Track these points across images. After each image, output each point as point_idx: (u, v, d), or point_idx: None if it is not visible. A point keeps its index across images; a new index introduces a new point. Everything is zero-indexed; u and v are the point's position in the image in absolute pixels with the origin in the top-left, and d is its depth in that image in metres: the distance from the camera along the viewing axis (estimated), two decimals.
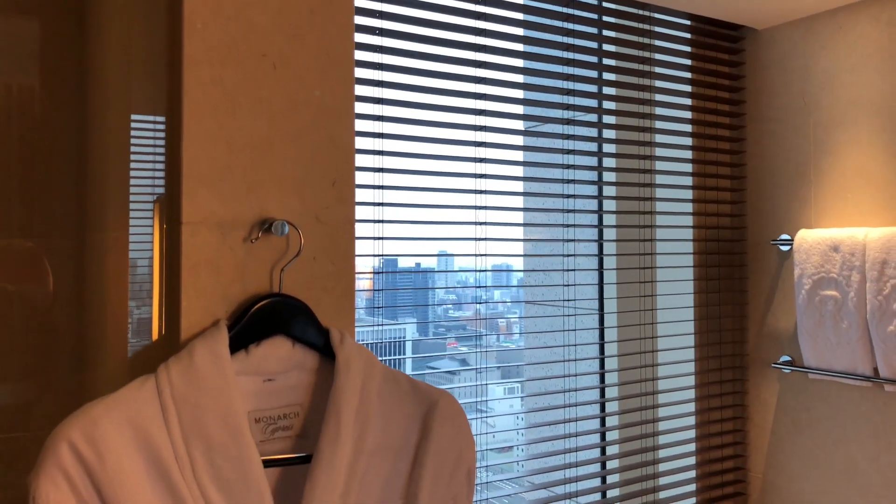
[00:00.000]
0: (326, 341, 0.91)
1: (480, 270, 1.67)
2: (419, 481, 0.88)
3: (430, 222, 1.58)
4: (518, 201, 1.88)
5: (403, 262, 1.75)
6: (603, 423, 1.98)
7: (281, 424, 0.89)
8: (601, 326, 1.96)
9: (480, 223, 1.66)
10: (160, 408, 0.79)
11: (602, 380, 1.95)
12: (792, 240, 1.95)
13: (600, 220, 1.97)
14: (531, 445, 1.85)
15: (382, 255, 1.51)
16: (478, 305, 1.72)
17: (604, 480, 1.92)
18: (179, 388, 0.80)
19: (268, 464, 0.85)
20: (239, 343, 0.86)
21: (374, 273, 1.54)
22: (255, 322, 0.87)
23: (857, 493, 1.81)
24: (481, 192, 1.66)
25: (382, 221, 1.50)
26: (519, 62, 1.82)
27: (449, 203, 1.62)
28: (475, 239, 1.65)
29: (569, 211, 1.82)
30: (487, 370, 1.71)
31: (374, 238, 1.49)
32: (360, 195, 1.47)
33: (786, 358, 1.97)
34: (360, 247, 1.46)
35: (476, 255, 1.66)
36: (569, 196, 1.82)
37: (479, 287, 1.69)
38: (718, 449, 2.04)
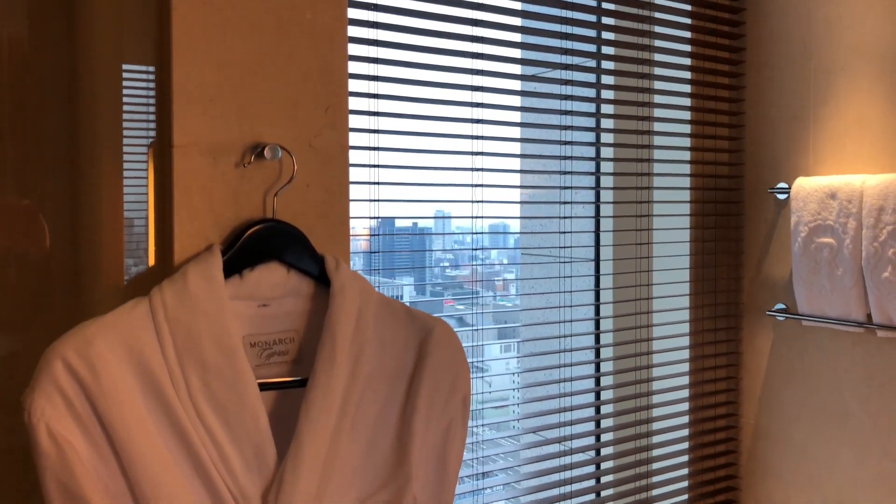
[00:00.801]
0: (321, 269, 0.90)
1: (477, 233, 1.67)
2: (415, 406, 0.89)
3: (426, 184, 1.56)
4: (515, 148, 1.86)
5: (400, 224, 1.74)
6: (598, 368, 2.00)
7: (276, 350, 0.89)
8: (597, 274, 1.97)
9: (477, 184, 1.64)
10: (154, 329, 0.79)
11: (597, 326, 1.96)
12: (789, 188, 1.94)
13: (598, 167, 1.96)
14: (527, 391, 1.87)
15: (378, 217, 1.50)
16: (474, 265, 1.72)
17: (598, 425, 1.94)
18: (173, 310, 0.80)
19: (263, 387, 0.85)
20: (233, 268, 0.86)
21: (370, 234, 1.54)
22: (249, 247, 0.86)
23: (848, 437, 1.83)
24: (478, 149, 1.64)
25: (378, 183, 1.48)
26: (517, 5, 1.79)
27: (444, 163, 1.61)
28: (471, 201, 1.64)
29: (566, 158, 1.81)
30: (484, 330, 1.72)
31: (370, 200, 1.48)
32: (355, 157, 1.44)
33: (780, 306, 1.98)
34: (356, 209, 1.44)
35: (472, 217, 1.65)
36: (566, 143, 1.81)
37: (476, 249, 1.69)
38: (712, 396, 2.06)
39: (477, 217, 1.66)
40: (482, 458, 1.67)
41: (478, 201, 1.65)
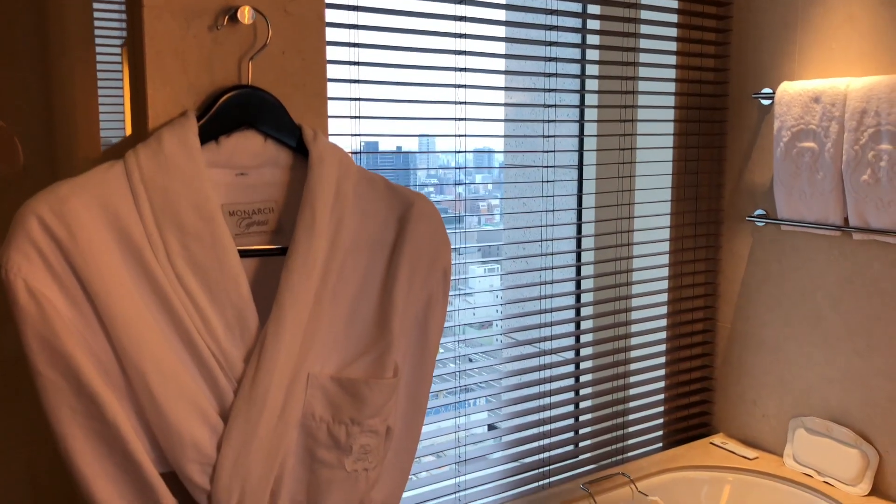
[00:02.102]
0: (299, 139, 0.89)
1: (460, 152, 1.64)
2: (396, 277, 0.89)
3: (408, 101, 1.52)
4: (499, 64, 1.82)
5: (384, 149, 1.71)
6: (578, 272, 2.02)
7: (256, 219, 0.88)
8: (580, 180, 1.96)
9: (460, 101, 1.61)
10: (129, 190, 0.78)
11: (579, 230, 1.97)
12: (773, 93, 1.93)
13: (583, 69, 1.93)
14: (510, 295, 1.89)
15: (360, 135, 1.47)
16: (458, 188, 1.71)
17: (577, 326, 1.97)
18: (149, 172, 0.78)
19: (243, 254, 0.85)
20: (209, 134, 0.84)
21: (353, 154, 1.51)
22: (225, 112, 0.84)
23: (820, 338, 1.88)
24: (461, 66, 1.60)
25: (359, 99, 1.44)
26: None
27: (427, 80, 1.56)
28: (454, 118, 1.61)
29: (550, 59, 1.77)
30: (468, 253, 1.73)
31: (351, 117, 1.44)
32: (334, 71, 1.39)
33: (760, 211, 2.00)
34: (337, 126, 1.41)
35: (456, 136, 1.62)
36: (550, 59, 1.77)
37: (459, 168, 1.67)
38: (690, 300, 2.09)
39: (460, 136, 1.64)
40: (465, 372, 1.70)
41: (461, 119, 1.62)
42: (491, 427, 1.96)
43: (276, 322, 0.80)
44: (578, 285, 1.97)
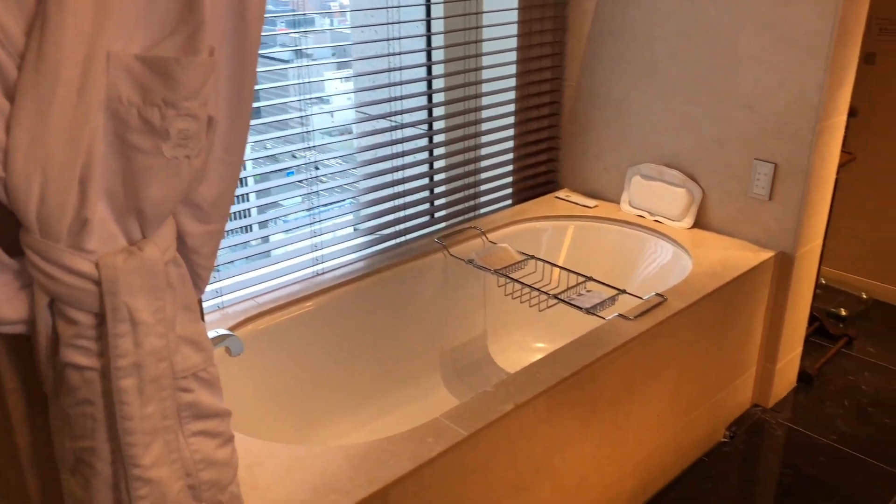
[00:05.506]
0: None
1: None
2: None
3: None
4: None
5: None
6: (429, 42, 1.95)
7: None
8: None
9: None
10: None
11: (428, 13, 1.87)
12: None
13: None
14: (360, 80, 1.80)
15: None
16: None
17: (430, 99, 1.93)
18: None
19: None
20: None
21: None
22: None
23: (658, 88, 1.96)
24: None
25: None
26: None
27: None
28: None
29: None
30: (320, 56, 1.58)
31: None
32: None
33: None
34: None
35: None
36: None
37: None
38: (538, 59, 2.09)
39: None
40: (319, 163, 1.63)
41: None
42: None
43: None
44: (429, 56, 1.91)
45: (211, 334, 1.32)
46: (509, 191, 2.15)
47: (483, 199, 2.08)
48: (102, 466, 0.74)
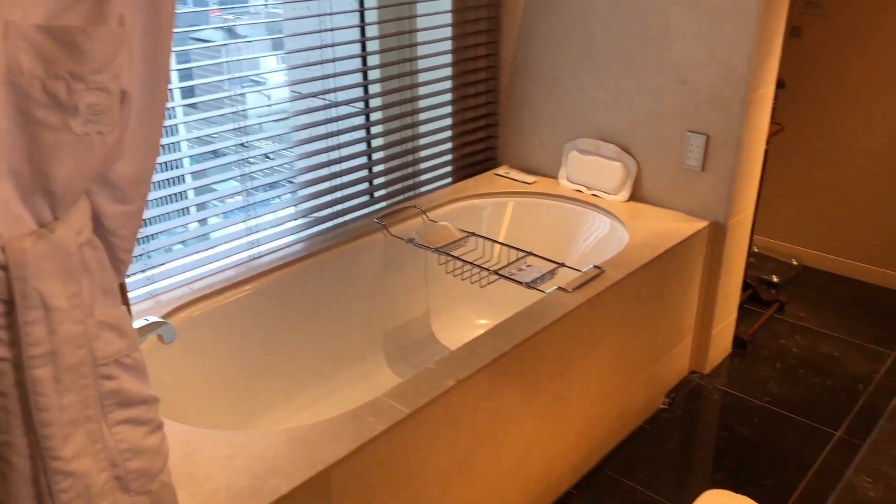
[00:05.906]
0: None
1: None
2: None
3: None
4: None
5: None
6: (362, 17, 1.91)
7: None
8: None
9: None
10: None
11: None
12: None
13: None
14: (293, 57, 1.75)
15: None
16: None
17: (365, 77, 1.90)
18: None
19: None
20: None
21: None
22: None
23: (593, 63, 1.97)
24: None
25: None
26: None
27: None
28: None
29: None
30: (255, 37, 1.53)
31: None
32: None
33: None
34: None
35: None
36: None
37: None
38: (473, 35, 2.08)
39: None
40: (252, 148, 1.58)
41: None
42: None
43: None
44: (363, 33, 1.87)
45: (142, 322, 1.28)
46: (449, 168, 2.14)
47: (422, 177, 2.06)
48: (19, 461, 0.70)
